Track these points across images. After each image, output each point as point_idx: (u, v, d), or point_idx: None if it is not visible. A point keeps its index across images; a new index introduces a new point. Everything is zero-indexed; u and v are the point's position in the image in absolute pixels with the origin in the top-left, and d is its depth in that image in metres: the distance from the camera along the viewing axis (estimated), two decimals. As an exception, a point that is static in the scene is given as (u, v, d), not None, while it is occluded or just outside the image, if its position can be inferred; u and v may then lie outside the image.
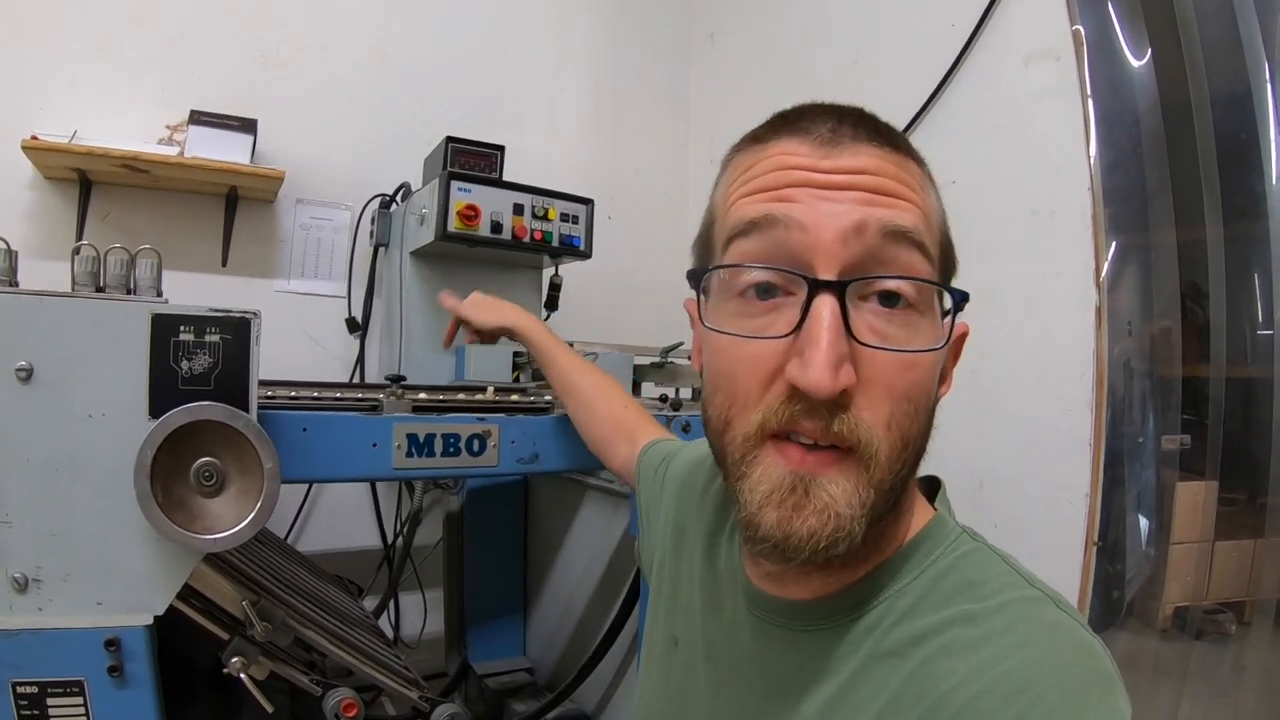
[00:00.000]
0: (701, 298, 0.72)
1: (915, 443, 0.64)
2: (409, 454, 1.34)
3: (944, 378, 0.71)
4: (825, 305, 0.60)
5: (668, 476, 1.08)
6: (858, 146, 0.64)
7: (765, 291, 0.65)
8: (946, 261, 0.69)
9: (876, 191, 0.63)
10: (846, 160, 0.63)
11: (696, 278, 0.71)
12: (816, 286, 0.61)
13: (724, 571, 0.85)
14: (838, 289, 0.60)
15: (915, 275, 0.63)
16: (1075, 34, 1.84)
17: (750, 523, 0.64)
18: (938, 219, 0.68)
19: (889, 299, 0.62)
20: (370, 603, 2.45)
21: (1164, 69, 1.79)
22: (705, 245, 0.74)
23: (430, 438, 1.37)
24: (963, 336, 0.72)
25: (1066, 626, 0.61)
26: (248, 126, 2.31)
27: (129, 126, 2.28)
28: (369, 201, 2.61)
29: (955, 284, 0.67)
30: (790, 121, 0.68)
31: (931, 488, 0.79)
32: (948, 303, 0.67)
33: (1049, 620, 0.62)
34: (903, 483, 0.65)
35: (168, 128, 2.33)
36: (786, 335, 0.62)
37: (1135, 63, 1.81)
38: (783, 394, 0.62)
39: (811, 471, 0.62)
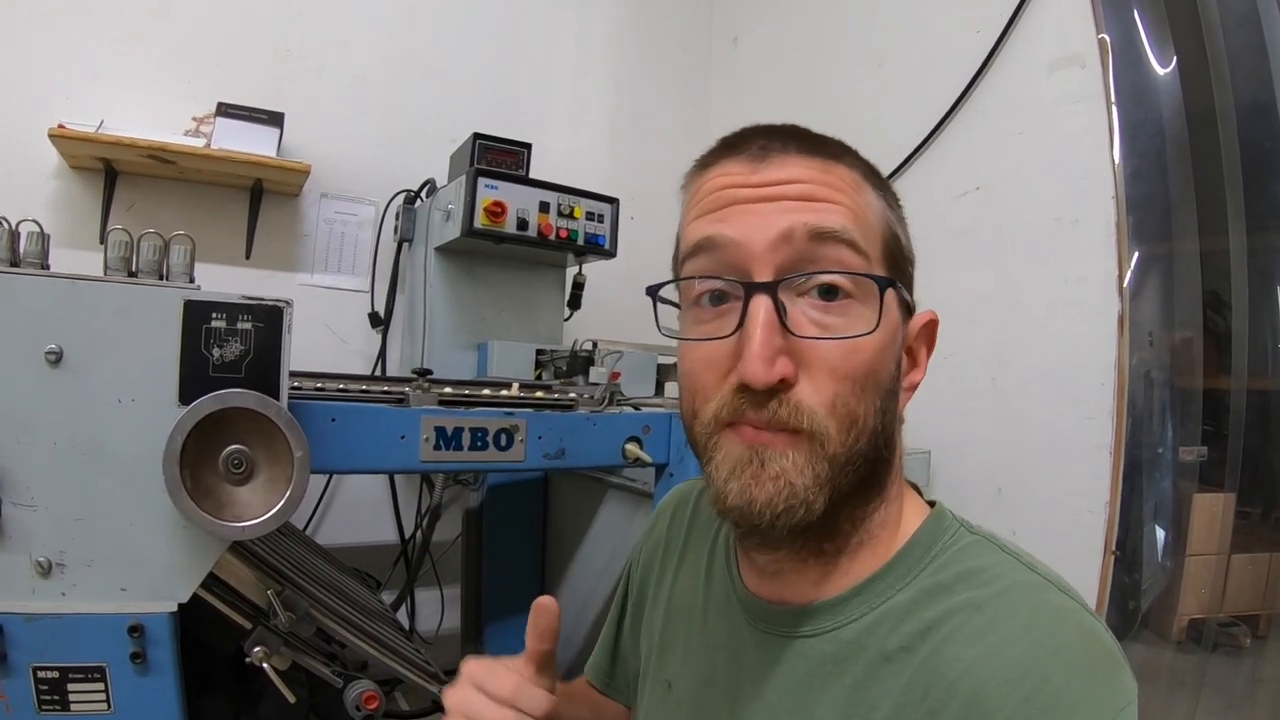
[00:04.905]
0: (658, 308, 0.78)
1: (865, 420, 0.68)
2: (437, 447, 1.35)
3: (915, 363, 0.77)
4: (759, 304, 0.66)
5: (653, 528, 1.12)
6: (785, 159, 0.70)
7: (717, 299, 0.71)
8: (892, 255, 0.73)
9: (803, 198, 0.68)
10: (773, 173, 0.69)
11: (651, 293, 0.77)
12: (750, 289, 0.67)
13: (719, 595, 0.87)
14: (769, 289, 0.66)
15: (844, 269, 0.67)
16: (1101, 41, 1.84)
17: (719, 496, 0.69)
18: (878, 217, 0.72)
19: (828, 293, 0.67)
20: (387, 597, 2.44)
21: (1189, 77, 1.78)
22: (675, 264, 0.79)
23: (458, 431, 1.37)
24: (930, 324, 0.77)
25: (1069, 609, 0.64)
26: (275, 120, 2.32)
27: (155, 118, 2.29)
28: (393, 197, 2.62)
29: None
30: (729, 144, 0.74)
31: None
32: (893, 295, 0.72)
33: (1052, 604, 0.65)
34: (863, 459, 0.68)
35: (194, 119, 2.34)
36: (731, 334, 0.68)
37: (1160, 70, 1.81)
38: (733, 387, 0.67)
39: (765, 445, 0.67)
